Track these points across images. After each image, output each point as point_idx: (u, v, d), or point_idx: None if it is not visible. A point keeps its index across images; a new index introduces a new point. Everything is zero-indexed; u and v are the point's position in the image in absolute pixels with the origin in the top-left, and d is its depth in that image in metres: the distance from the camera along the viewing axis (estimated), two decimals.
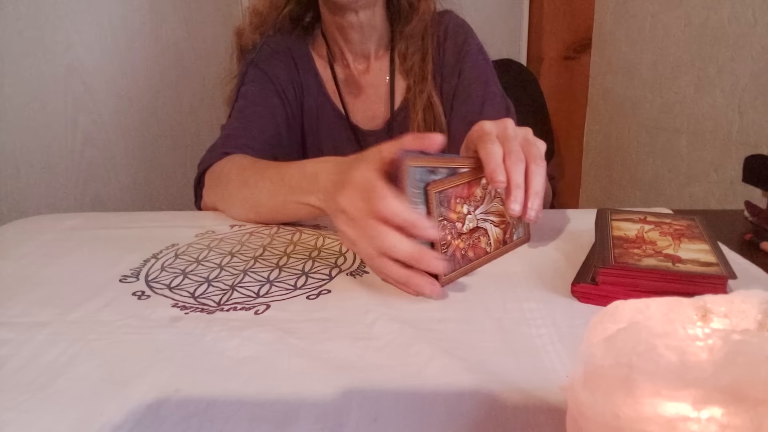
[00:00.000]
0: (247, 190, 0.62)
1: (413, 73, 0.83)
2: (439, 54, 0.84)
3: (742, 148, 1.05)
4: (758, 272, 0.46)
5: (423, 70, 0.83)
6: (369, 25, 0.81)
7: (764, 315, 0.24)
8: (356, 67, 0.86)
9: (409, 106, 0.84)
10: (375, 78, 0.85)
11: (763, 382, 0.18)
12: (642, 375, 0.19)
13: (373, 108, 0.86)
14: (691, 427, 0.18)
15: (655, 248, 0.44)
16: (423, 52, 0.83)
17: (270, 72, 0.82)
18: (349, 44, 0.83)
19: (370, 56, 0.85)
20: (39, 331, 0.40)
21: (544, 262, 0.50)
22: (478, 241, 0.49)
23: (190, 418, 0.30)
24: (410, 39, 0.83)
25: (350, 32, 0.81)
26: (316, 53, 0.86)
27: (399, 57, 0.84)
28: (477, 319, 0.40)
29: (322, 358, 0.35)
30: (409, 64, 0.83)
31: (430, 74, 0.82)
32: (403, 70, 0.84)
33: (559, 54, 1.65)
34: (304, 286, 0.46)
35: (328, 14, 0.81)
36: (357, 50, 0.84)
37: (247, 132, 0.76)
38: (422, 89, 0.82)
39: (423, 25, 0.82)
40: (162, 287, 0.47)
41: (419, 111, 0.82)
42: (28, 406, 0.32)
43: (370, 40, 0.83)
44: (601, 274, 0.42)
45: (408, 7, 0.82)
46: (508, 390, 0.32)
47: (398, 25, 0.83)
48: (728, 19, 1.08)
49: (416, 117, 0.82)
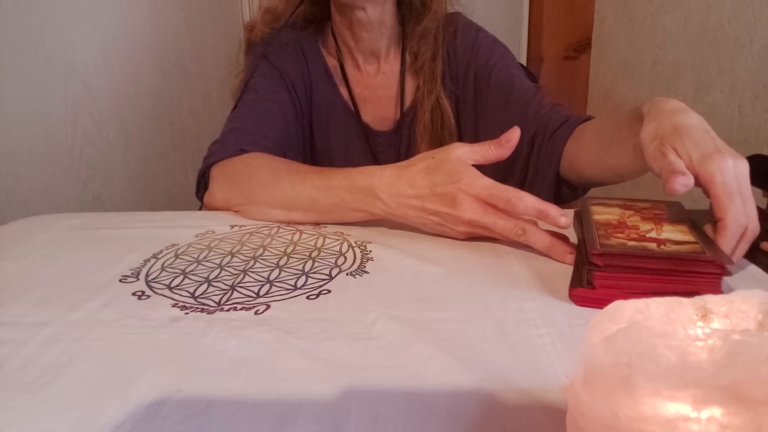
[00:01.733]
0: (280, 191, 0.61)
1: (423, 73, 0.83)
2: (449, 54, 0.83)
3: (742, 148, 1.05)
4: (758, 272, 0.46)
5: (433, 70, 0.82)
6: (378, 22, 0.80)
7: (764, 315, 0.24)
8: (366, 69, 0.85)
9: (417, 105, 0.83)
10: (386, 79, 0.85)
11: (763, 382, 0.18)
12: (642, 375, 0.19)
13: (384, 109, 0.85)
14: (691, 427, 0.18)
15: (638, 232, 0.44)
16: (434, 52, 0.82)
17: (280, 66, 0.81)
18: (359, 43, 0.83)
19: (380, 56, 0.84)
20: (39, 331, 0.39)
21: (544, 262, 0.50)
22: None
23: (190, 418, 0.30)
24: (422, 38, 0.82)
25: (359, 30, 0.81)
26: (326, 52, 0.85)
27: (410, 56, 0.84)
28: (477, 319, 0.40)
29: (322, 358, 0.35)
30: (420, 63, 0.83)
31: (440, 75, 0.82)
32: (414, 69, 0.84)
33: (559, 54, 1.65)
34: (304, 286, 0.46)
35: (338, 13, 0.81)
36: (367, 49, 0.83)
37: (258, 128, 0.75)
38: (431, 89, 0.82)
39: (435, 25, 0.82)
40: (162, 287, 0.47)
41: (427, 111, 0.82)
42: (28, 406, 0.32)
43: (380, 38, 0.82)
44: (597, 278, 0.41)
45: (420, 6, 0.81)
46: (508, 390, 0.32)
47: (410, 24, 0.83)
48: (728, 19, 1.08)
49: (423, 117, 0.82)
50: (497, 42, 0.85)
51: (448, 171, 0.52)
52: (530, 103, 0.77)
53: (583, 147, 0.68)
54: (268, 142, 0.74)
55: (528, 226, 0.50)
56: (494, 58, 0.82)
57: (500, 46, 0.84)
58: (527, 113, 0.76)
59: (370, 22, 0.80)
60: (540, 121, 0.74)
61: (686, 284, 0.40)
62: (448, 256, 0.51)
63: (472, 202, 0.51)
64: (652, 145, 0.46)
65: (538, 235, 0.50)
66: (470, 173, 0.52)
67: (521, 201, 0.50)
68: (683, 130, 0.45)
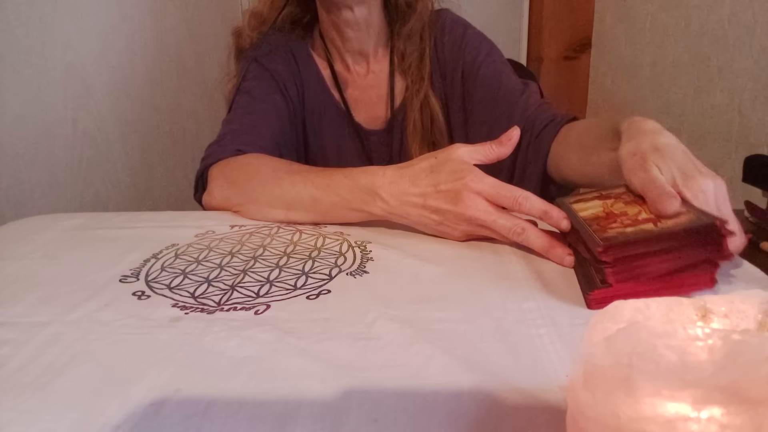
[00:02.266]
0: (280, 190, 0.61)
1: (411, 73, 0.83)
2: (437, 52, 0.84)
3: (742, 148, 1.05)
4: (758, 272, 0.46)
5: (420, 70, 0.83)
6: (365, 23, 0.81)
7: (764, 315, 0.24)
8: (356, 69, 0.86)
9: (406, 105, 0.84)
10: (375, 79, 0.85)
11: (763, 382, 0.18)
12: (642, 375, 0.19)
13: (376, 109, 0.86)
14: (691, 427, 0.18)
15: (629, 218, 0.43)
16: (420, 51, 0.83)
17: (271, 69, 0.82)
18: (346, 43, 0.83)
19: (369, 56, 0.85)
20: (39, 331, 0.39)
21: (544, 262, 0.50)
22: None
23: (190, 418, 0.30)
24: (408, 39, 0.83)
25: (347, 30, 0.81)
26: (316, 54, 0.86)
27: (397, 56, 0.84)
28: (477, 319, 0.40)
29: (322, 358, 0.35)
30: (407, 63, 0.83)
31: (428, 74, 0.83)
32: (401, 69, 0.84)
33: (559, 54, 1.65)
34: (304, 286, 0.46)
35: (325, 13, 0.81)
36: (355, 49, 0.84)
37: (255, 129, 0.76)
38: (419, 89, 0.82)
39: (421, 25, 0.82)
40: (162, 287, 0.47)
41: (416, 111, 0.82)
42: (28, 406, 0.32)
43: (367, 38, 0.83)
44: (610, 275, 0.40)
45: (406, 7, 0.82)
46: (508, 390, 0.32)
47: (396, 24, 0.83)
48: (728, 19, 1.08)
49: (413, 116, 0.82)
50: (484, 39, 0.85)
51: (451, 169, 0.52)
52: (517, 102, 0.78)
53: (567, 148, 0.69)
54: (265, 142, 0.74)
55: (528, 226, 0.50)
56: (481, 56, 0.82)
57: (487, 43, 0.85)
58: (513, 112, 0.77)
59: (357, 22, 0.80)
60: (527, 120, 0.75)
61: (697, 254, 0.40)
62: (448, 256, 0.51)
63: (475, 199, 0.51)
64: (632, 160, 0.47)
65: (536, 235, 0.50)
66: (474, 172, 0.52)
67: (527, 201, 0.50)
68: (664, 150, 0.46)
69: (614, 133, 0.53)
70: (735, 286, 0.43)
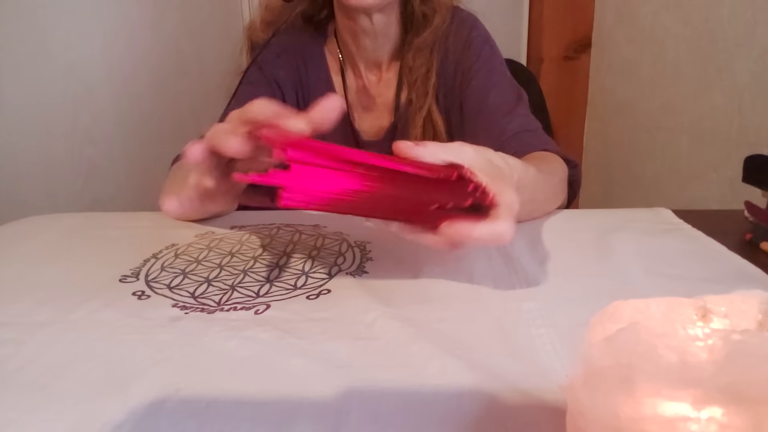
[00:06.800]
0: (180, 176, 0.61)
1: (416, 87, 0.82)
2: (443, 63, 0.83)
3: (742, 148, 1.05)
4: (758, 272, 0.46)
5: (426, 85, 0.81)
6: (382, 32, 0.80)
7: (764, 315, 0.24)
8: (368, 77, 0.85)
9: (408, 118, 0.83)
10: (384, 89, 0.85)
11: (763, 382, 0.18)
12: (642, 375, 0.19)
13: (381, 118, 0.85)
14: (691, 427, 0.18)
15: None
16: (428, 66, 0.81)
17: (270, 74, 0.81)
18: (361, 50, 0.82)
19: (382, 66, 0.84)
20: (39, 331, 0.39)
21: (544, 261, 0.50)
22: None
23: (190, 418, 0.30)
24: (418, 51, 0.81)
25: (363, 38, 0.80)
26: (329, 53, 0.85)
27: (405, 69, 0.83)
28: (477, 319, 0.40)
29: (322, 358, 0.35)
30: (414, 77, 0.82)
31: (432, 88, 0.81)
32: (407, 83, 0.84)
33: (559, 54, 1.65)
34: (304, 286, 0.46)
35: (343, 17, 0.80)
36: (369, 57, 0.83)
37: None
38: (422, 105, 0.81)
39: (433, 39, 0.81)
40: (162, 287, 0.47)
41: (418, 127, 0.81)
42: (29, 406, 0.32)
43: (382, 48, 0.82)
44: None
45: (422, 18, 0.80)
46: (508, 390, 0.32)
47: (409, 35, 0.82)
48: (728, 19, 1.08)
49: (414, 131, 0.82)
50: (487, 42, 0.83)
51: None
52: (497, 123, 0.76)
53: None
54: None
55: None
56: (478, 63, 0.81)
57: (488, 48, 0.83)
58: (491, 133, 0.76)
59: (374, 31, 0.79)
60: (500, 146, 0.73)
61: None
62: (448, 256, 0.51)
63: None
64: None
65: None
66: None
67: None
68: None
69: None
70: (735, 286, 0.43)
